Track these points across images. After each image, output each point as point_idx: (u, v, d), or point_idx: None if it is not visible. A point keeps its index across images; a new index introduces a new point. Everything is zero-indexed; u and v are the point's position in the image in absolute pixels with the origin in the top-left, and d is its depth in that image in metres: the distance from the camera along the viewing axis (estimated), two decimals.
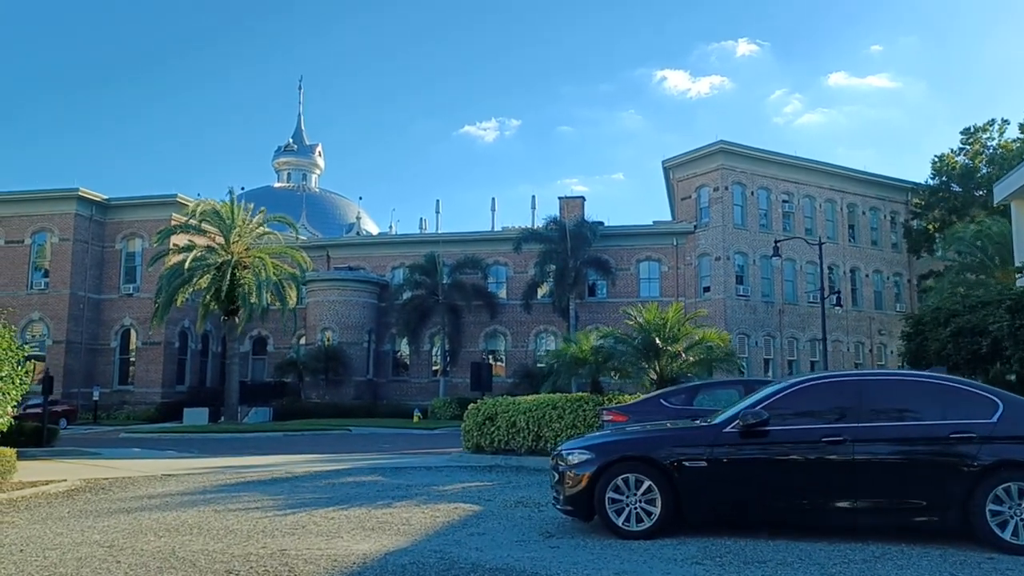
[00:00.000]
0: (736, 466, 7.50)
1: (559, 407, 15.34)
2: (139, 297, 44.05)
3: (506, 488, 11.83)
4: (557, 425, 15.17)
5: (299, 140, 79.10)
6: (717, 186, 44.62)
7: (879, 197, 50.08)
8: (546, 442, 15.28)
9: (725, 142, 44.54)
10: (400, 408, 44.08)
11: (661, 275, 46.28)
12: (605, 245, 45.31)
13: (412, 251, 48.86)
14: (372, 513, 9.49)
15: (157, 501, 10.96)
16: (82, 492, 12.13)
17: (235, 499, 11.05)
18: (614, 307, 45.64)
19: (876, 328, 48.62)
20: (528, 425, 15.51)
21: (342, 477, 13.81)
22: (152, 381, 44.28)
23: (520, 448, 15.71)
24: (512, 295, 47.20)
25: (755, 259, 44.71)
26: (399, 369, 49.60)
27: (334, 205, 74.73)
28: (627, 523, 7.50)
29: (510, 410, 16.04)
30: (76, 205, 44.06)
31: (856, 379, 7.95)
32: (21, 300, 43.68)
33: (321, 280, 46.99)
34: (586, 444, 8.03)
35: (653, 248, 46.48)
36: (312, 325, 47.17)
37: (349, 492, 11.63)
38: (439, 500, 10.63)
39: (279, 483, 13.07)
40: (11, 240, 44.45)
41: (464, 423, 17.25)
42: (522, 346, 46.99)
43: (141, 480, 13.68)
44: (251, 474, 14.47)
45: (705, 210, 45.32)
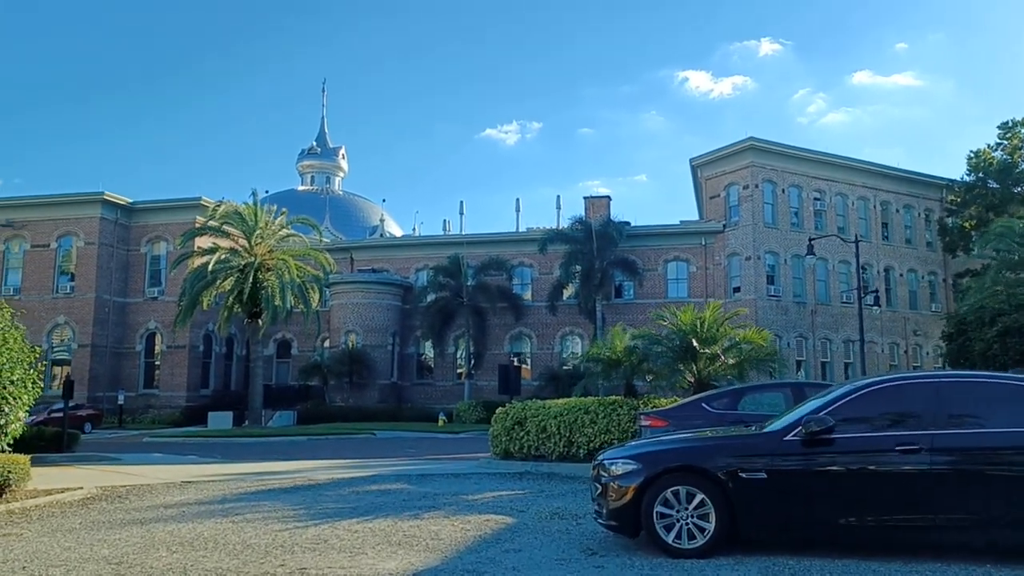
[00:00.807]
0: (799, 478, 6.80)
1: (592, 411, 14.67)
2: (164, 300, 43.93)
3: (539, 497, 11.18)
4: (590, 430, 14.49)
5: (323, 143, 78.96)
6: (747, 184, 43.66)
7: (913, 194, 48.82)
8: (578, 448, 14.62)
9: (755, 139, 43.58)
10: (425, 412, 43.56)
11: (689, 275, 45.37)
12: (631, 245, 44.51)
13: (436, 253, 48.35)
14: (398, 526, 8.90)
15: (173, 511, 10.45)
16: (97, 501, 11.67)
17: (254, 509, 10.52)
18: (641, 308, 44.84)
19: (911, 329, 47.37)
20: (559, 430, 14.85)
21: (366, 485, 13.25)
22: (177, 385, 44.14)
23: (551, 454, 15.06)
24: (537, 297, 46.53)
25: (786, 258, 43.68)
26: (423, 372, 49.10)
27: (357, 208, 74.47)
28: (678, 540, 6.83)
29: (540, 414, 15.40)
30: (101, 209, 44.04)
31: (932, 381, 7.20)
32: (47, 304, 43.78)
33: (344, 282, 46.62)
34: (631, 453, 7.36)
35: (681, 248, 45.59)
36: (336, 328, 46.82)
37: (374, 501, 11.06)
38: (469, 511, 10.01)
39: (301, 491, 12.53)
40: (37, 244, 44.54)
41: (492, 428, 16.64)
42: (548, 348, 46.30)
43: (159, 488, 13.21)
44: (272, 481, 13.95)
45: (735, 208, 44.37)
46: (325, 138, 79.87)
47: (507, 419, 16.06)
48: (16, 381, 10.51)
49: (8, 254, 45.17)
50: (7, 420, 10.42)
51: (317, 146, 78.78)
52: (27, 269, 44.59)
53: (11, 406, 10.37)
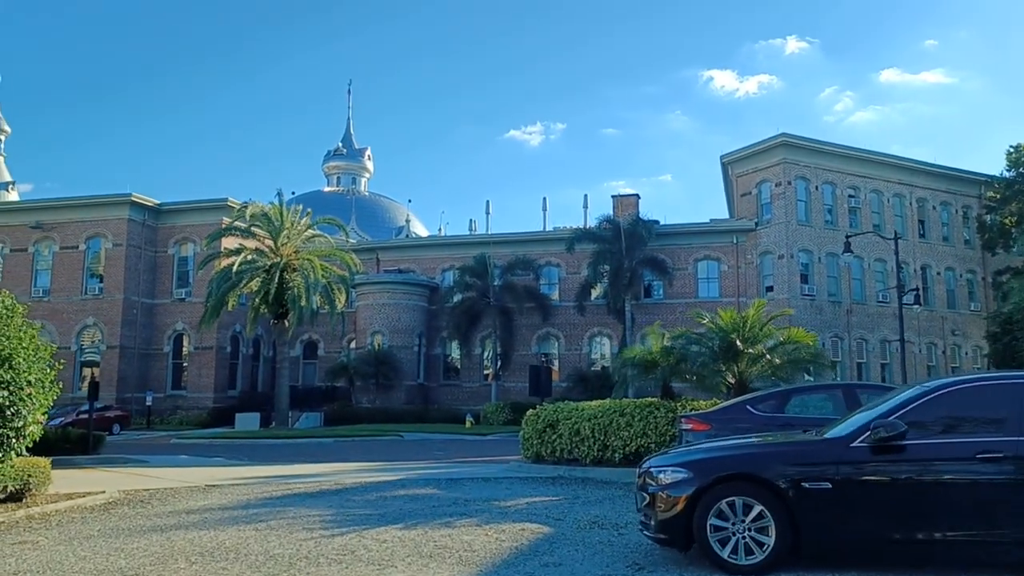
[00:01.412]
0: (867, 488, 6.21)
1: (627, 414, 14.09)
2: (191, 302, 43.92)
3: (575, 505, 10.65)
4: (625, 434, 13.92)
5: (348, 144, 78.98)
6: (779, 181, 42.75)
7: (950, 191, 47.57)
8: (613, 452, 14.06)
9: (787, 135, 42.68)
10: (451, 413, 43.16)
11: (720, 275, 44.52)
12: (661, 244, 43.77)
13: (462, 253, 47.94)
14: (429, 535, 8.41)
15: (196, 517, 10.06)
16: (119, 506, 11.32)
17: (279, 515, 10.09)
18: (671, 308, 44.10)
19: (949, 328, 46.13)
20: (593, 433, 14.29)
21: (395, 490, 12.79)
22: (204, 386, 44.14)
23: (585, 458, 14.51)
24: (565, 297, 45.93)
25: (820, 257, 42.72)
26: (450, 373, 48.70)
27: (383, 208, 74.38)
28: (734, 555, 6.27)
29: (573, 417, 14.85)
30: (129, 210, 44.17)
31: (1017, 382, 6.56)
32: (76, 305, 43.99)
33: (370, 283, 46.37)
34: (681, 461, 6.79)
35: (712, 247, 44.74)
36: (362, 329, 46.58)
37: (402, 508, 10.59)
38: (502, 518, 9.50)
39: (327, 496, 12.10)
40: (66, 246, 44.76)
41: (522, 430, 16.12)
42: (576, 349, 45.68)
43: (183, 492, 12.86)
44: (298, 485, 13.55)
45: (767, 206, 43.48)
46: (351, 139, 79.90)
47: (538, 421, 15.54)
48: (33, 382, 10.17)
49: (38, 256, 45.46)
50: (24, 422, 10.08)
51: (343, 147, 78.82)
52: (56, 271, 44.83)
53: (28, 408, 10.03)
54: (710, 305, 44.49)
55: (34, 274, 45.28)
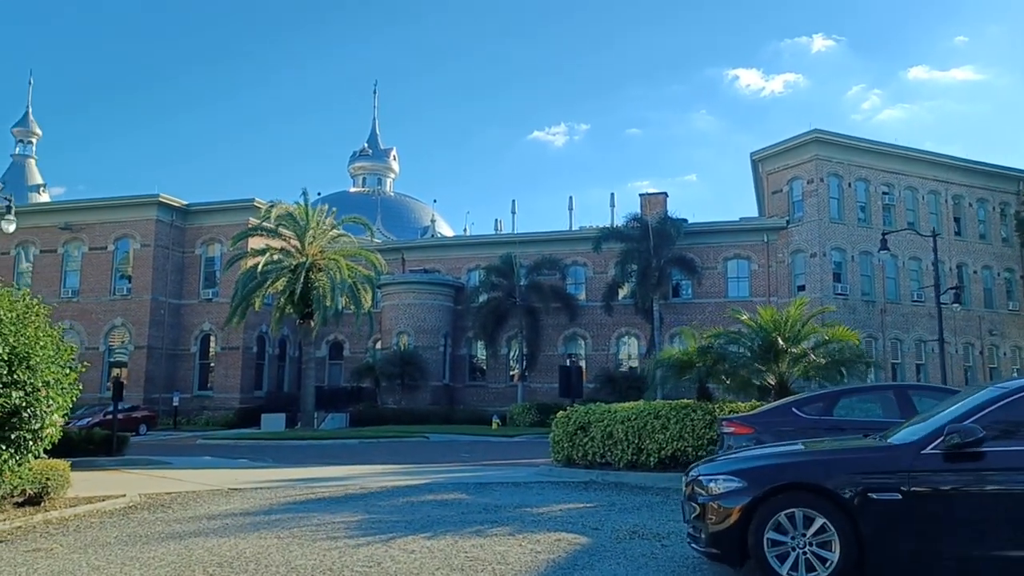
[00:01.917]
0: (942, 500, 5.65)
1: (662, 416, 13.55)
2: (218, 302, 43.89)
3: (611, 512, 10.13)
4: (661, 437, 13.38)
5: (374, 144, 78.87)
6: (811, 178, 41.85)
7: (987, 188, 46.33)
8: (648, 456, 13.52)
9: (819, 131, 41.77)
10: (477, 414, 42.76)
11: (751, 274, 43.69)
12: (690, 243, 43.04)
13: (488, 252, 47.53)
14: (459, 544, 7.95)
15: (217, 523, 9.69)
16: (139, 510, 10.99)
17: (302, 521, 9.70)
18: (700, 308, 43.39)
19: (987, 328, 44.92)
20: (627, 436, 13.76)
21: (422, 494, 12.36)
22: (231, 386, 44.09)
23: (618, 462, 13.98)
24: (592, 296, 45.33)
25: (853, 255, 41.76)
26: (475, 374, 48.30)
27: (408, 209, 74.15)
28: (794, 572, 5.74)
29: (605, 419, 14.33)
30: (157, 211, 44.27)
31: None
32: (104, 306, 44.16)
33: (396, 283, 46.10)
34: (734, 468, 6.26)
35: (742, 245, 43.92)
36: (387, 329, 46.33)
37: (430, 514, 10.14)
38: (536, 527, 9.02)
39: (352, 501, 11.70)
40: (95, 247, 44.95)
41: (552, 432, 15.62)
42: (603, 349, 45.06)
43: (205, 495, 12.52)
44: (322, 489, 13.16)
45: (798, 204, 42.59)
46: (376, 140, 79.82)
47: (569, 424, 15.04)
48: (51, 383, 9.86)
49: (67, 257, 45.72)
50: (42, 424, 9.76)
51: (368, 148, 78.75)
52: (85, 272, 45.05)
53: (45, 410, 9.72)
54: (740, 305, 43.41)
55: (63, 275, 45.54)
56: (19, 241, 45.72)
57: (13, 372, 9.46)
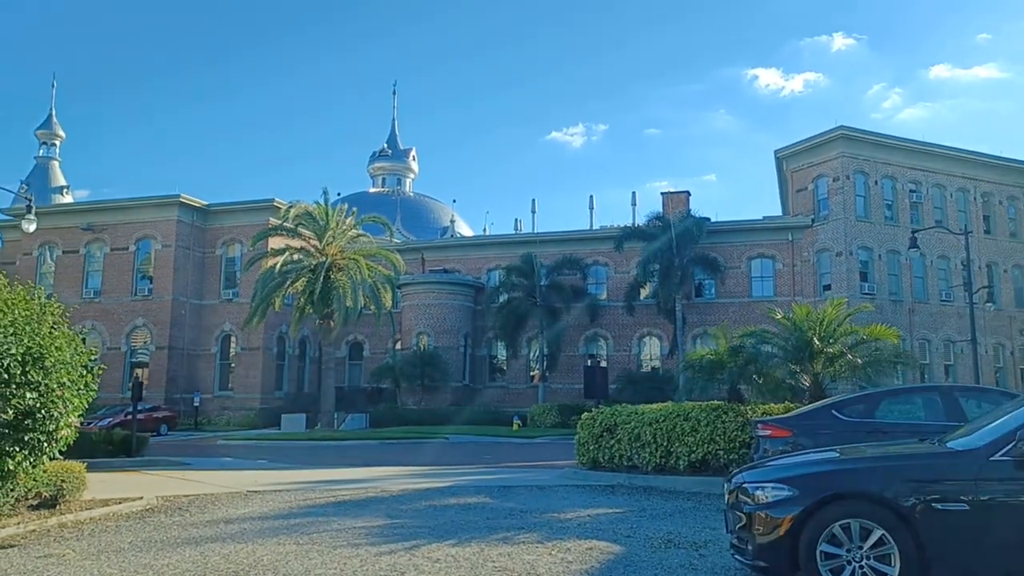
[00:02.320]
0: (1014, 511, 5.22)
1: (692, 418, 13.11)
2: (238, 302, 43.83)
3: (642, 518, 9.72)
4: (691, 439, 12.94)
5: (393, 145, 78.79)
6: (837, 176, 41.13)
7: (1017, 185, 45.33)
8: (677, 459, 13.08)
9: (845, 128, 41.04)
10: (498, 415, 42.36)
11: (775, 273, 43.01)
12: (712, 242, 42.41)
13: (508, 252, 47.16)
14: (486, 553, 7.58)
15: (234, 528, 9.39)
16: (155, 513, 10.72)
17: (322, 526, 9.38)
18: (723, 308, 42.75)
19: (1017, 328, 43.94)
20: (655, 439, 13.34)
21: (444, 498, 12.01)
22: (251, 387, 44.02)
23: (646, 465, 13.56)
24: (613, 296, 44.82)
25: (880, 254, 40.99)
26: (496, 374, 47.94)
27: (428, 209, 73.98)
28: None
29: (632, 421, 13.91)
30: (178, 211, 44.30)
31: None
32: (126, 306, 44.25)
33: (416, 283, 45.86)
34: (783, 475, 5.85)
35: (766, 244, 43.26)
36: (407, 329, 46.09)
37: (454, 519, 9.79)
38: (565, 534, 8.64)
39: (373, 504, 11.37)
40: (116, 247, 45.06)
41: (578, 434, 15.22)
42: (625, 350, 44.54)
43: (223, 498, 12.24)
44: (343, 492, 12.85)
45: (824, 202, 41.86)
46: (396, 140, 79.74)
47: (595, 425, 14.63)
48: (67, 383, 9.61)
49: (89, 258, 45.86)
50: (57, 426, 9.51)
51: (388, 148, 78.68)
52: (107, 272, 45.17)
53: (60, 411, 9.47)
54: (764, 305, 42.75)
55: (85, 275, 45.68)
56: (42, 242, 45.98)
57: (27, 372, 9.21)
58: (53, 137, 75.73)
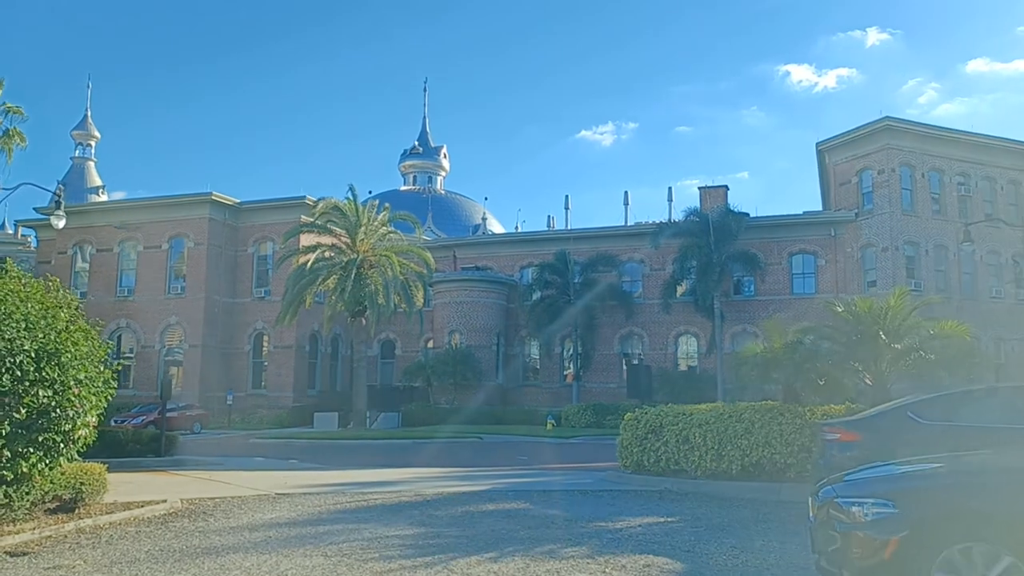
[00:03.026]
0: None
1: (745, 419, 12.26)
2: (271, 301, 43.57)
3: (700, 530, 8.91)
4: (744, 442, 12.09)
5: (424, 142, 78.31)
6: (882, 168, 39.75)
7: None
8: (730, 463, 12.24)
9: (891, 118, 39.64)
10: (531, 414, 41.65)
11: (817, 269, 41.70)
12: (751, 238, 41.13)
13: (540, 249, 46.39)
14: (531, 570, 6.84)
15: (259, 536, 8.76)
16: (178, 518, 10.14)
17: (352, 534, 8.72)
18: (763, 306, 41.61)
19: None
20: (706, 441, 12.51)
21: (482, 503, 11.29)
22: (284, 385, 43.77)
23: (695, 469, 12.74)
24: (649, 294, 43.83)
25: (927, 249, 39.53)
26: (529, 373, 47.19)
27: (459, 207, 73.41)
28: None
29: (680, 422, 13.09)
30: (209, 209, 44.17)
31: None
32: (159, 304, 44.21)
33: (448, 281, 45.28)
34: (886, 489, 5.03)
35: (807, 240, 41.96)
36: (439, 327, 45.53)
37: (494, 529, 9.07)
38: (616, 547, 7.87)
39: (407, 510, 10.69)
40: (150, 246, 45.05)
41: (621, 436, 14.42)
42: (661, 348, 43.52)
43: (250, 501, 11.65)
44: (374, 495, 12.20)
45: (868, 196, 40.48)
46: (427, 138, 79.25)
47: (639, 427, 13.83)
48: (83, 380, 9.06)
49: (123, 256, 45.93)
50: (73, 425, 8.97)
51: (419, 146, 78.23)
52: (140, 271, 45.18)
53: (76, 409, 8.92)
54: (805, 302, 41.87)
55: (119, 274, 45.75)
56: (76, 241, 46.17)
57: (41, 369, 8.67)
58: (88, 138, 76.44)
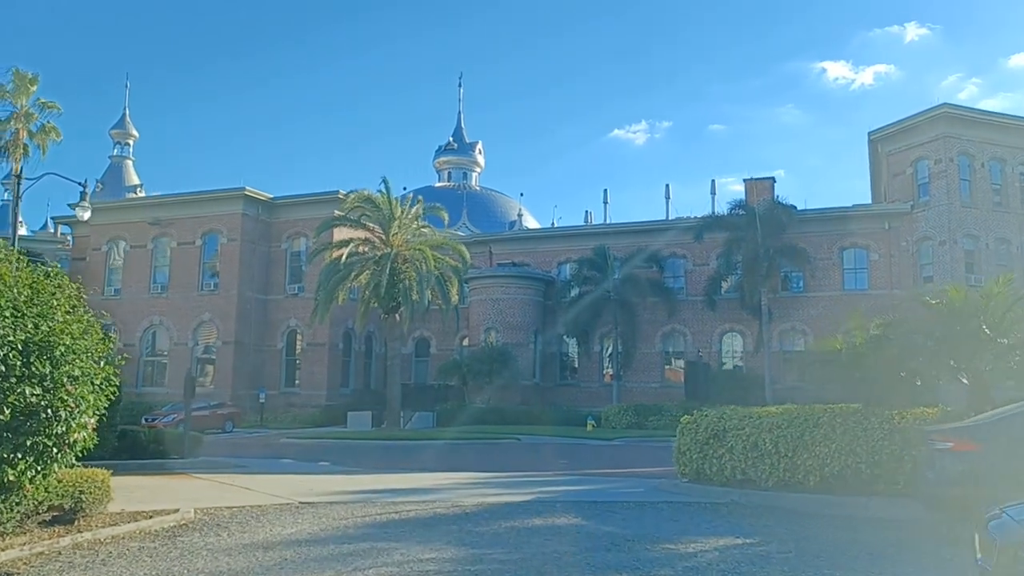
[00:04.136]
0: None
1: (823, 424, 10.86)
2: (304, 297, 42.79)
3: (790, 555, 7.55)
4: (823, 450, 10.69)
5: (459, 138, 77.29)
6: (939, 158, 37.72)
7: None
8: (806, 473, 10.85)
9: (949, 105, 37.65)
10: (570, 415, 40.32)
11: (870, 264, 39.76)
12: (800, 232, 39.31)
13: (579, 244, 45.00)
14: None
15: (274, 556, 7.63)
16: (189, 531, 9.06)
17: (381, 555, 7.54)
18: (813, 302, 39.87)
19: None
20: (778, 448, 11.14)
21: (527, 517, 10.06)
22: (317, 383, 43.00)
23: (765, 480, 11.37)
24: (692, 290, 42.24)
25: (988, 242, 37.42)
26: (567, 372, 45.86)
27: (495, 203, 72.27)
28: None
29: (746, 426, 11.73)
30: (243, 205, 43.53)
31: None
32: (192, 301, 43.69)
33: (483, 277, 44.11)
34: None
35: (859, 234, 40.01)
36: (475, 325, 44.39)
37: (543, 550, 7.83)
38: None
39: (444, 524, 9.50)
40: (183, 242, 44.55)
41: (678, 440, 13.10)
42: (704, 347, 41.85)
43: (271, 512, 10.54)
44: (407, 506, 11.02)
45: (924, 187, 38.47)
46: (462, 133, 78.24)
47: (699, 430, 12.50)
48: (78, 378, 8.01)
49: (156, 252, 45.52)
50: (67, 427, 7.94)
51: (454, 142, 77.23)
52: (174, 267, 44.71)
53: (70, 410, 7.89)
54: (857, 298, 39.98)
55: (152, 270, 45.31)
56: (110, 237, 45.89)
57: (30, 364, 7.63)
58: (127, 136, 76.57)
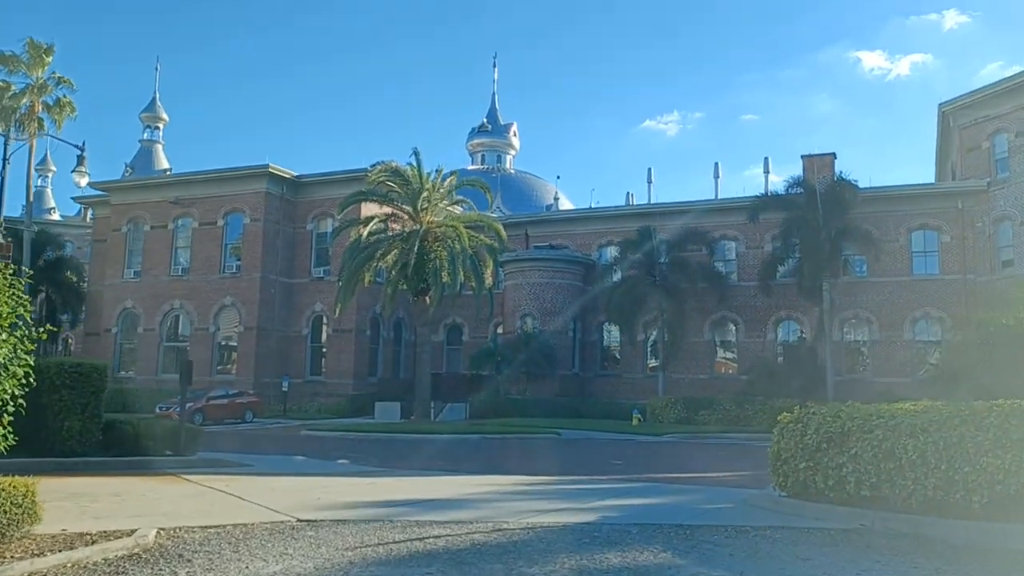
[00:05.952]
0: None
1: (991, 426, 8.10)
2: (329, 281, 40.49)
3: None
4: (994, 461, 7.93)
5: (493, 120, 74.59)
6: (1020, 130, 34.30)
7: None
8: (968, 491, 8.10)
9: None
10: (611, 407, 37.74)
11: (941, 247, 36.44)
12: (863, 212, 36.02)
13: (620, 226, 42.12)
14: None
15: None
16: (136, 567, 6.56)
17: None
18: (878, 288, 36.77)
19: None
20: (925, 458, 8.40)
21: (597, 549, 7.42)
22: (343, 371, 40.74)
23: (907, 499, 8.62)
24: (745, 275, 39.21)
25: None
26: (608, 362, 43.15)
27: (530, 186, 69.54)
28: None
29: (878, 428, 8.99)
30: (267, 183, 41.32)
31: None
32: (214, 284, 41.67)
33: (519, 260, 41.51)
34: None
35: (929, 214, 36.71)
36: (510, 311, 41.82)
37: None
38: None
39: (483, 562, 6.90)
40: (205, 222, 42.50)
41: (775, 443, 10.38)
42: (758, 336, 38.87)
43: (258, 534, 8.03)
44: (435, 528, 8.44)
45: (1002, 162, 35.07)
46: (496, 115, 75.52)
47: (808, 431, 9.77)
48: None
49: (178, 233, 43.54)
50: None
51: (488, 124, 74.56)
52: (195, 248, 42.72)
53: None
54: (927, 284, 36.74)
55: (173, 252, 43.34)
56: (130, 217, 44.09)
57: None
58: (157, 120, 74.98)
